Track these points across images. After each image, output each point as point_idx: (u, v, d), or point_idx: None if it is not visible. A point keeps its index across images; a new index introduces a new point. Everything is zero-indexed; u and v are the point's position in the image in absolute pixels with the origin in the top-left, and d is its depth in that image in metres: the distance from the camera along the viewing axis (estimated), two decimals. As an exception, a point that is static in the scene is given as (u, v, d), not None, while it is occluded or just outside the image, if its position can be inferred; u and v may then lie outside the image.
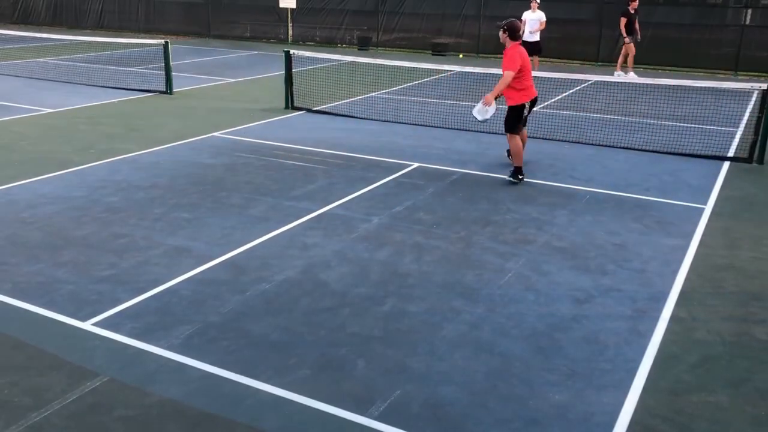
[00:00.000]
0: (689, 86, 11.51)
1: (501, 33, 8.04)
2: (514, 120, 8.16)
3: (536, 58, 16.24)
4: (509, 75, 7.87)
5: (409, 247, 6.23)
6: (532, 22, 16.31)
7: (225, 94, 14.20)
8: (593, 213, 7.24)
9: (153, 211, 7.03)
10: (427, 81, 15.86)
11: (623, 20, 16.40)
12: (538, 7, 16.50)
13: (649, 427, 3.82)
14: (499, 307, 5.15)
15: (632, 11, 16.41)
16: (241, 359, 4.38)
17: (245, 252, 6.06)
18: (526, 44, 16.48)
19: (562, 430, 3.77)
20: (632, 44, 16.63)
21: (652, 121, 11.84)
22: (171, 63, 13.78)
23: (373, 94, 13.89)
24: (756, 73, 17.98)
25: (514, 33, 8.06)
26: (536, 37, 16.39)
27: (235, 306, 5.08)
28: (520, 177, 8.13)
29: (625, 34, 16.42)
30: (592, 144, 10.25)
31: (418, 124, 11.44)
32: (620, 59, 16.90)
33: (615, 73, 16.73)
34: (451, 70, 16.14)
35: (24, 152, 9.19)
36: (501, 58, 8.18)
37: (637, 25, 16.65)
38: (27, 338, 4.58)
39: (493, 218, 7.03)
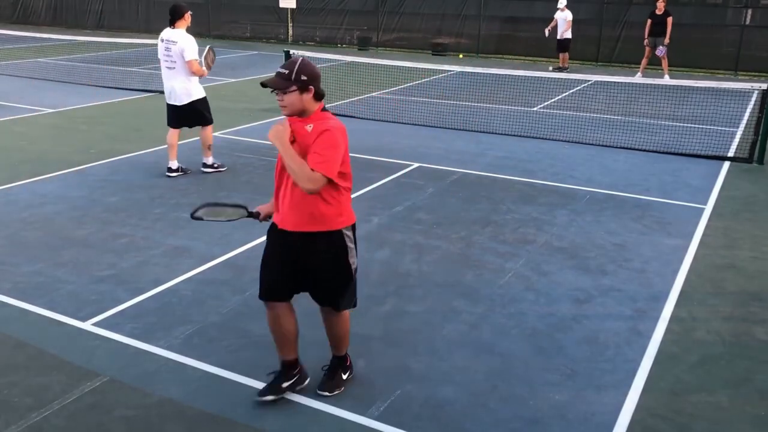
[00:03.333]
0: (689, 86, 11.51)
1: (298, 94, 3.92)
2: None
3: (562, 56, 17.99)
4: (321, 181, 3.62)
5: (409, 247, 6.23)
6: (561, 21, 17.71)
7: (225, 94, 14.18)
8: (593, 213, 7.24)
9: (153, 211, 7.03)
10: (427, 81, 15.86)
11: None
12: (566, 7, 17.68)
13: (649, 427, 3.82)
14: (499, 307, 5.15)
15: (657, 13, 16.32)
16: (241, 359, 4.37)
17: (245, 252, 6.05)
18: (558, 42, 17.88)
19: (562, 430, 3.77)
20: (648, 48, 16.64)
21: (652, 121, 11.84)
22: (171, 63, 13.75)
23: (373, 94, 13.89)
24: (756, 73, 17.97)
25: (317, 84, 4.04)
26: (566, 36, 17.79)
27: (235, 306, 5.08)
28: (351, 373, 4.22)
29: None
30: (592, 144, 10.25)
31: (418, 124, 11.44)
32: (665, 63, 16.62)
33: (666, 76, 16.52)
34: (450, 70, 16.16)
35: (24, 152, 9.19)
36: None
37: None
38: (27, 338, 4.58)
39: (493, 218, 7.03)
